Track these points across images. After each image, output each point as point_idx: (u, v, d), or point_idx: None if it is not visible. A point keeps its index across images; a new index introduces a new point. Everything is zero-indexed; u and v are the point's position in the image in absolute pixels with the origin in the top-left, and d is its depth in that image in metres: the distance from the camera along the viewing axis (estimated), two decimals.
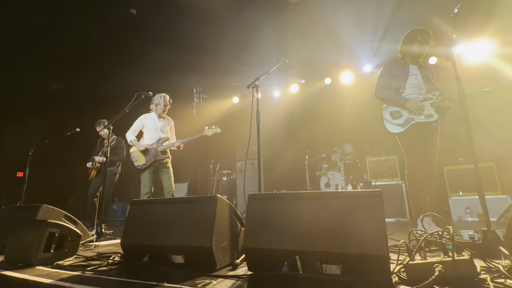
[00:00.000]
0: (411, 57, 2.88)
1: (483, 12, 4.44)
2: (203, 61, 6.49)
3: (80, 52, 5.93)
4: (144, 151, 3.64)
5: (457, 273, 1.21)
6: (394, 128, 2.80)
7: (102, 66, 6.14)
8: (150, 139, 3.75)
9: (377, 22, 4.99)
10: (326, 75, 6.48)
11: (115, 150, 4.51)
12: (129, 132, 3.81)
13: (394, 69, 2.94)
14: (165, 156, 3.70)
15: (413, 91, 2.80)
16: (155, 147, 3.69)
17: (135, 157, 3.70)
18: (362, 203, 1.40)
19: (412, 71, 2.87)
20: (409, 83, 2.83)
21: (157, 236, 1.81)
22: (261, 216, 1.61)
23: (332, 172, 5.24)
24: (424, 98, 2.74)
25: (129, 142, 3.78)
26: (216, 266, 1.64)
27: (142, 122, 3.83)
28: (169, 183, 3.67)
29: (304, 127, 6.44)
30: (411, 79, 2.84)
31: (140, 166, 3.65)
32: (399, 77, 2.86)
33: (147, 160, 3.64)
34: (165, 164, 3.73)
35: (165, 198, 2.28)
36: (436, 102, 2.67)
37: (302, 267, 1.43)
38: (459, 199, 4.20)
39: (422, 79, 2.83)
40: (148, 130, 3.79)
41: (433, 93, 2.74)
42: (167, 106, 3.87)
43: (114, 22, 5.44)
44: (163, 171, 3.71)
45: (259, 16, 5.20)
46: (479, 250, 1.58)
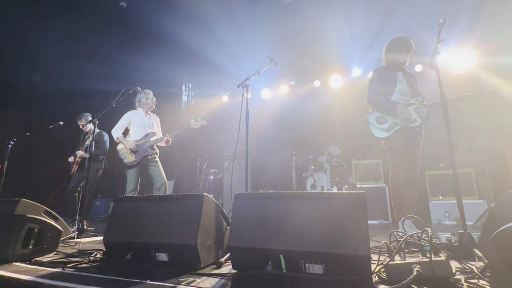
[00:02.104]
0: (396, 64, 2.99)
1: (466, 23, 4.62)
2: (193, 58, 6.44)
3: (65, 44, 5.76)
4: (134, 149, 3.58)
5: (434, 273, 1.26)
6: (380, 132, 2.89)
7: (88, 59, 5.99)
8: (137, 135, 3.69)
9: (366, 28, 5.10)
10: (315, 78, 6.56)
11: (97, 144, 4.39)
12: (115, 128, 3.72)
13: (384, 74, 3.02)
14: (154, 152, 3.66)
15: (399, 96, 2.90)
16: (143, 142, 3.64)
17: (124, 154, 3.63)
18: (346, 205, 1.44)
19: (399, 77, 2.98)
20: (397, 89, 2.92)
21: (141, 234, 1.79)
22: (247, 215, 1.63)
23: (319, 173, 5.31)
24: (408, 103, 2.84)
25: (116, 139, 3.69)
26: (200, 264, 1.64)
27: (129, 119, 3.75)
28: (160, 176, 3.63)
29: (292, 128, 6.49)
30: (398, 85, 2.93)
31: (130, 163, 3.59)
32: (388, 82, 2.95)
33: (137, 157, 3.58)
34: (154, 159, 3.69)
35: (152, 195, 2.25)
36: (418, 107, 2.77)
37: (286, 266, 1.45)
38: (439, 203, 4.35)
39: (407, 85, 2.94)
40: (135, 126, 3.73)
41: (416, 99, 2.84)
42: (154, 103, 3.86)
43: (102, 14, 5.32)
44: (152, 166, 3.66)
45: (250, 15, 5.21)
46: (455, 252, 1.65)
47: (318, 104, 6.49)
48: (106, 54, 5.91)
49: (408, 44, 2.91)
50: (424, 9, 4.51)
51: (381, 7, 4.65)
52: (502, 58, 4.64)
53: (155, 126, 3.86)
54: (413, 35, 4.28)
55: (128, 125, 3.77)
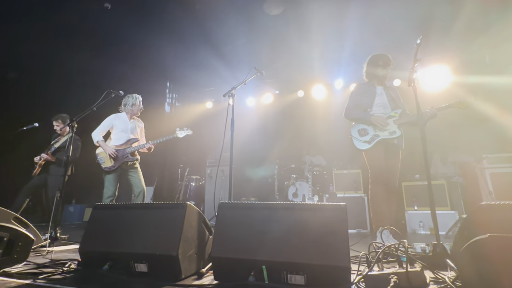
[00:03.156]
0: (377, 79, 3.14)
1: (441, 44, 4.91)
2: (177, 62, 6.40)
3: (41, 43, 5.53)
4: (113, 154, 3.46)
5: (410, 283, 1.31)
6: (362, 145, 3.00)
7: (67, 60, 5.78)
8: (118, 140, 3.57)
9: (349, 41, 5.28)
10: (299, 88, 6.69)
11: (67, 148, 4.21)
12: (96, 131, 3.58)
13: (362, 90, 3.18)
14: (134, 158, 3.55)
15: (379, 109, 3.04)
16: (124, 148, 3.53)
17: (102, 159, 3.50)
18: (327, 216, 1.47)
19: (378, 91, 3.13)
20: (375, 102, 3.06)
21: (120, 243, 1.73)
22: (230, 225, 1.62)
23: (300, 182, 5.37)
24: (389, 116, 2.98)
25: (96, 142, 3.55)
26: (181, 275, 1.61)
27: (111, 122, 3.63)
28: (139, 183, 3.52)
29: (275, 137, 6.56)
30: (377, 99, 3.08)
31: (108, 168, 3.46)
32: (367, 97, 3.10)
33: (116, 162, 3.46)
34: (133, 165, 3.58)
35: (132, 203, 2.19)
36: (397, 119, 2.93)
37: (268, 277, 1.45)
38: (414, 213, 4.52)
39: (387, 98, 3.09)
40: (118, 130, 3.61)
41: (395, 111, 3.00)
42: (139, 108, 3.76)
43: (84, 14, 5.19)
44: (132, 172, 3.55)
45: (236, 24, 5.27)
46: (429, 262, 1.72)
47: (301, 113, 6.61)
48: (86, 57, 5.73)
49: (387, 60, 3.08)
50: (404, 26, 4.73)
51: (364, 23, 4.85)
52: (472, 77, 4.97)
53: (138, 132, 3.75)
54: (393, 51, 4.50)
55: (110, 128, 3.65)
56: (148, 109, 4.89)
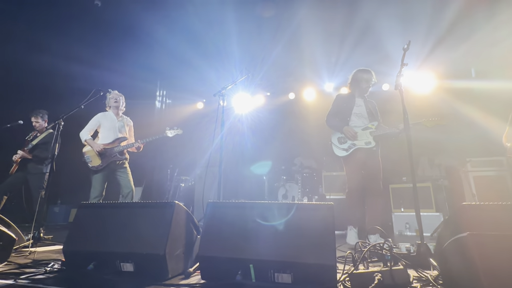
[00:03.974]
0: (358, 91, 3.37)
1: (428, 49, 5.04)
2: (168, 61, 6.34)
3: (28, 38, 5.40)
4: (101, 151, 3.40)
5: (393, 281, 1.34)
6: (340, 152, 3.26)
7: (54, 57, 5.65)
8: (106, 139, 3.51)
9: (339, 45, 5.37)
10: (290, 90, 6.73)
11: (45, 146, 4.01)
12: (84, 130, 3.52)
13: (343, 100, 3.43)
14: (122, 157, 3.49)
15: (356, 119, 3.29)
16: (112, 147, 3.46)
17: (89, 158, 3.43)
18: (315, 215, 1.49)
19: (358, 103, 3.37)
20: (353, 112, 3.31)
21: (106, 242, 1.71)
22: (218, 224, 1.62)
23: (290, 184, 5.40)
24: (365, 127, 3.23)
25: (83, 141, 3.49)
26: (168, 274, 1.60)
27: (98, 121, 3.57)
28: (128, 183, 3.46)
29: (266, 139, 6.57)
30: (356, 110, 3.32)
31: (95, 167, 3.39)
32: (346, 107, 3.34)
33: (104, 161, 3.39)
34: (122, 165, 3.52)
35: (120, 202, 2.16)
36: (373, 131, 3.17)
37: (256, 275, 1.46)
38: (401, 215, 4.60)
39: (366, 110, 3.33)
40: (105, 129, 3.55)
41: (372, 123, 3.24)
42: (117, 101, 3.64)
43: (73, 10, 5.09)
44: (121, 172, 3.48)
45: (229, 25, 5.28)
46: (413, 261, 1.76)
47: (292, 115, 6.65)
48: (74, 53, 5.62)
49: (371, 75, 3.32)
50: (393, 30, 4.84)
51: (354, 27, 4.93)
52: (457, 82, 5.12)
53: (126, 130, 3.69)
54: (381, 55, 4.59)
55: (98, 127, 3.59)
56: (138, 109, 4.84)
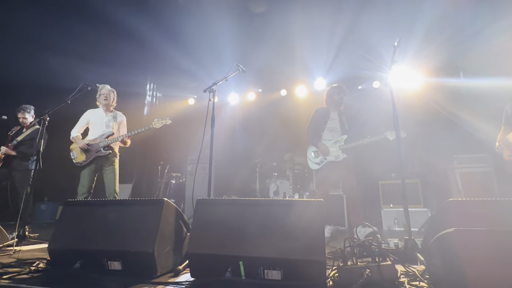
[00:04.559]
0: (333, 104, 3.65)
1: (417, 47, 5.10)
2: (159, 57, 6.23)
3: (13, 31, 5.22)
4: (84, 147, 3.32)
5: (381, 276, 1.35)
6: (313, 165, 3.60)
7: (41, 50, 5.48)
8: (93, 135, 3.46)
9: (329, 43, 5.38)
10: (282, 87, 6.72)
11: (31, 142, 3.93)
12: (74, 128, 3.50)
13: (319, 114, 3.72)
14: (107, 152, 3.38)
15: (328, 133, 3.58)
16: (97, 142, 3.39)
17: (74, 154, 3.38)
18: (305, 212, 1.49)
19: (332, 116, 3.64)
20: (327, 127, 3.60)
21: (92, 240, 1.67)
22: (207, 221, 1.61)
23: (281, 180, 5.42)
24: (336, 141, 3.51)
25: (71, 138, 3.46)
26: (157, 272, 1.58)
27: (87, 118, 3.53)
28: (112, 183, 3.38)
29: (258, 135, 6.56)
30: (329, 124, 3.61)
31: (79, 163, 3.33)
32: (321, 122, 3.64)
33: (88, 157, 3.32)
34: (111, 162, 3.44)
35: (106, 199, 2.12)
36: (342, 145, 3.46)
37: (245, 272, 1.45)
38: (390, 211, 4.68)
39: (339, 123, 3.61)
40: (94, 125, 3.50)
41: (341, 137, 3.51)
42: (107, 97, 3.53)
43: (61, 3, 4.94)
44: (107, 170, 3.41)
45: (220, 21, 5.23)
46: (401, 257, 1.79)
47: (284, 112, 6.65)
48: (62, 46, 5.46)
49: (341, 89, 3.66)
50: (383, 27, 4.86)
51: (344, 24, 4.95)
52: (444, 80, 5.21)
53: (116, 125, 3.59)
54: (371, 52, 4.62)
55: (88, 124, 3.55)
56: (127, 104, 4.74)
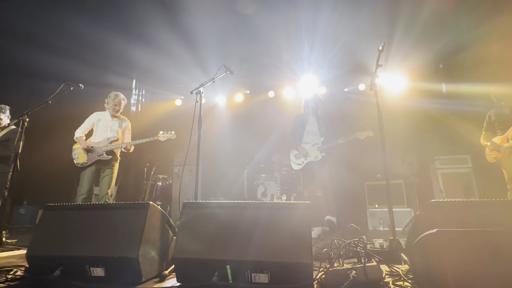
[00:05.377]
0: (311, 111, 3.99)
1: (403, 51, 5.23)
2: (145, 56, 6.13)
3: None
4: (88, 148, 3.38)
5: (367, 277, 1.37)
6: (296, 166, 3.93)
7: (20, 47, 5.26)
8: (98, 138, 3.53)
9: (315, 45, 5.44)
10: (270, 88, 6.74)
11: (7, 143, 3.75)
12: (78, 129, 3.55)
13: (299, 119, 4.01)
14: (109, 157, 3.46)
15: (307, 136, 3.88)
16: (101, 146, 3.44)
17: (76, 154, 3.43)
18: (291, 214, 1.49)
19: (310, 121, 3.95)
20: (306, 130, 3.89)
21: (74, 246, 1.62)
22: (194, 225, 1.58)
23: (269, 182, 5.43)
24: (314, 143, 3.83)
25: (75, 138, 3.50)
26: (141, 278, 1.54)
27: (93, 120, 3.59)
28: (106, 186, 3.42)
29: (246, 137, 6.55)
30: (308, 128, 3.91)
31: (80, 164, 3.39)
32: (300, 126, 3.94)
33: (89, 159, 3.39)
34: (111, 165, 3.50)
35: (90, 204, 2.06)
36: (320, 147, 3.79)
37: (232, 276, 1.44)
38: (375, 211, 4.77)
39: (318, 127, 3.91)
40: (99, 128, 3.57)
41: (319, 139, 3.83)
42: (118, 106, 3.65)
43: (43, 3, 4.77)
44: (105, 172, 3.47)
45: (207, 21, 5.19)
46: (386, 257, 1.82)
47: (271, 113, 6.67)
48: (41, 42, 5.23)
49: (318, 99, 4.04)
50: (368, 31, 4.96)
51: (330, 27, 5.01)
52: (427, 84, 5.37)
53: (120, 131, 3.66)
54: (357, 55, 4.72)
55: (93, 126, 3.60)
56: None
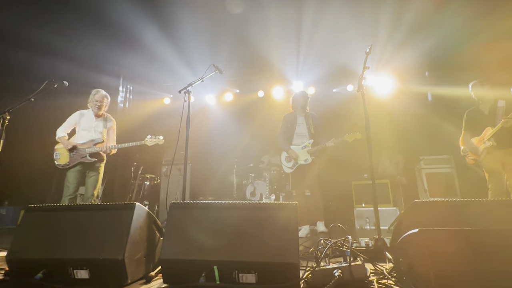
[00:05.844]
0: (300, 110, 3.91)
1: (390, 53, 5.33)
2: (133, 53, 6.01)
3: None
4: (71, 149, 3.24)
5: (352, 276, 1.39)
6: (287, 169, 3.90)
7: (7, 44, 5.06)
8: (81, 139, 3.37)
9: (306, 45, 5.48)
10: (259, 88, 6.75)
11: None
12: (60, 128, 3.39)
13: (288, 120, 3.94)
14: (93, 159, 3.33)
15: (297, 138, 3.82)
16: (85, 148, 3.32)
17: (58, 154, 3.29)
18: (279, 215, 1.50)
19: (299, 121, 3.88)
20: (296, 132, 3.84)
21: (57, 249, 1.58)
22: (181, 225, 1.57)
23: (258, 181, 5.44)
24: (304, 146, 3.78)
25: (57, 138, 3.35)
26: (127, 280, 1.52)
27: (75, 119, 3.43)
28: (92, 187, 3.32)
29: (235, 136, 6.54)
30: (297, 129, 3.85)
31: (61, 166, 3.27)
32: (290, 128, 3.88)
33: (71, 160, 3.26)
34: (96, 167, 3.39)
35: (73, 204, 2.01)
36: (309, 149, 3.73)
37: (220, 277, 1.44)
38: (362, 210, 4.86)
39: (307, 127, 3.84)
40: (81, 128, 3.42)
41: (308, 142, 3.78)
42: (100, 103, 3.49)
43: None
44: (91, 173, 3.36)
45: (197, 19, 5.14)
46: (371, 255, 1.86)
47: (261, 113, 6.67)
48: (25, 39, 5.06)
49: (306, 95, 3.94)
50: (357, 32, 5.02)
51: (319, 28, 5.06)
52: (414, 86, 5.50)
53: (105, 131, 3.52)
54: (345, 57, 4.78)
55: (75, 125, 3.46)
56: None
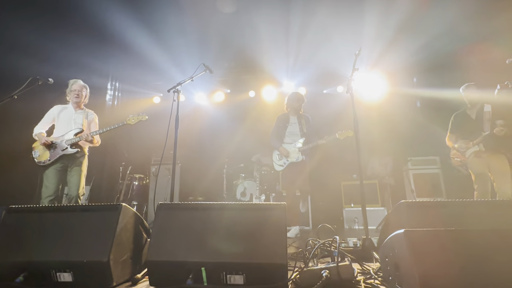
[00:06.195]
0: (293, 111, 3.95)
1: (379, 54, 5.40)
2: (122, 50, 5.89)
3: None
4: (49, 145, 3.04)
5: (340, 276, 1.40)
6: (278, 167, 3.93)
7: None
8: (60, 132, 3.17)
9: (297, 45, 5.51)
10: (250, 88, 6.74)
11: None
12: (38, 125, 3.20)
13: (281, 120, 3.99)
14: (74, 150, 3.11)
15: (289, 137, 3.87)
16: (64, 140, 3.11)
17: (37, 152, 3.07)
18: (267, 215, 1.50)
19: (292, 121, 3.93)
20: (287, 131, 3.89)
21: (39, 251, 1.53)
22: (169, 227, 1.55)
23: (249, 181, 5.43)
24: (295, 144, 3.81)
25: (34, 135, 3.16)
26: (112, 282, 1.49)
27: (53, 114, 3.23)
28: (75, 185, 3.11)
29: (226, 136, 6.51)
30: (289, 129, 3.90)
31: (42, 162, 3.03)
32: (282, 127, 3.93)
33: (52, 155, 3.04)
34: (78, 162, 3.17)
35: (57, 205, 1.96)
36: (301, 147, 3.77)
37: (207, 278, 1.42)
38: (351, 210, 4.91)
39: (299, 127, 3.89)
40: (60, 122, 3.22)
41: (300, 140, 3.81)
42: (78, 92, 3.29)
43: None
44: (73, 170, 3.14)
45: (187, 18, 5.10)
46: (359, 255, 1.88)
47: (252, 113, 6.67)
48: (7, 34, 4.90)
49: (301, 98, 3.96)
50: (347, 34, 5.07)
51: (309, 29, 5.09)
52: (403, 89, 5.59)
53: (85, 123, 3.32)
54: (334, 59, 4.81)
55: (54, 121, 3.25)
56: None
